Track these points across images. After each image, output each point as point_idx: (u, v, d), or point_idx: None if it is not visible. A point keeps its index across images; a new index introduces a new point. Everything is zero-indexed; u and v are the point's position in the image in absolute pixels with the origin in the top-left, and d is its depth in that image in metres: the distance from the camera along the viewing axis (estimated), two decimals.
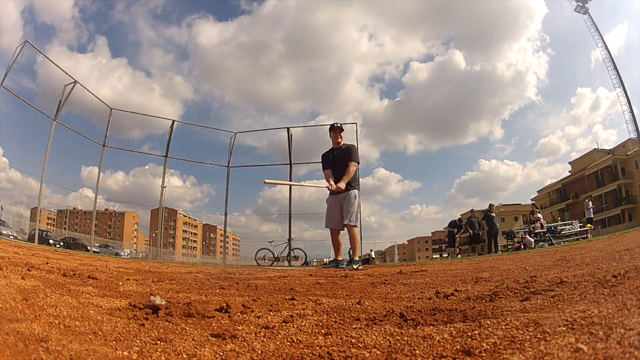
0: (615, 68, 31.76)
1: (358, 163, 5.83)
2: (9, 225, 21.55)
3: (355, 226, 5.71)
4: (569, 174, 53.71)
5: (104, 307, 1.45)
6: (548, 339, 0.86)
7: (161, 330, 1.12)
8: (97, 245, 30.01)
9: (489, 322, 1.10)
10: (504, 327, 1.02)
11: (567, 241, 13.22)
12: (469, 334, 1.01)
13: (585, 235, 14.33)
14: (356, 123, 13.40)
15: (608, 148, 48.55)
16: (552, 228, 15.44)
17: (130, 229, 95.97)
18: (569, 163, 55.69)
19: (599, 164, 46.82)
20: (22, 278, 1.88)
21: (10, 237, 17.31)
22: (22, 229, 25.42)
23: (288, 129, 13.96)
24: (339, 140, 5.89)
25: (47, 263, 3.15)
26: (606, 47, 33.32)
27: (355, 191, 5.73)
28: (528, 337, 0.90)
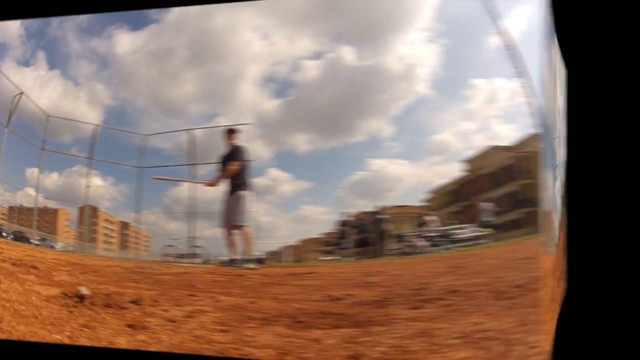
0: (515, 56, 32.48)
1: (241, 162, 5.72)
2: None
3: (246, 226, 5.60)
4: (464, 173, 53.72)
5: (42, 294, 1.54)
6: (442, 351, 0.86)
7: (87, 318, 1.24)
8: (38, 238, 28.54)
9: (379, 329, 1.11)
10: (394, 336, 1.03)
11: (461, 246, 13.09)
12: (359, 340, 1.03)
13: (480, 241, 14.24)
14: (250, 123, 13.10)
15: (507, 145, 48.97)
16: (445, 232, 15.28)
17: (63, 224, 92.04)
18: (464, 161, 55.36)
19: (497, 162, 47.19)
20: None
21: None
22: None
23: (189, 130, 13.71)
24: (231, 141, 5.82)
25: (1, 253, 3.13)
26: (504, 34, 34.14)
27: (243, 192, 5.63)
28: (420, 348, 0.89)
